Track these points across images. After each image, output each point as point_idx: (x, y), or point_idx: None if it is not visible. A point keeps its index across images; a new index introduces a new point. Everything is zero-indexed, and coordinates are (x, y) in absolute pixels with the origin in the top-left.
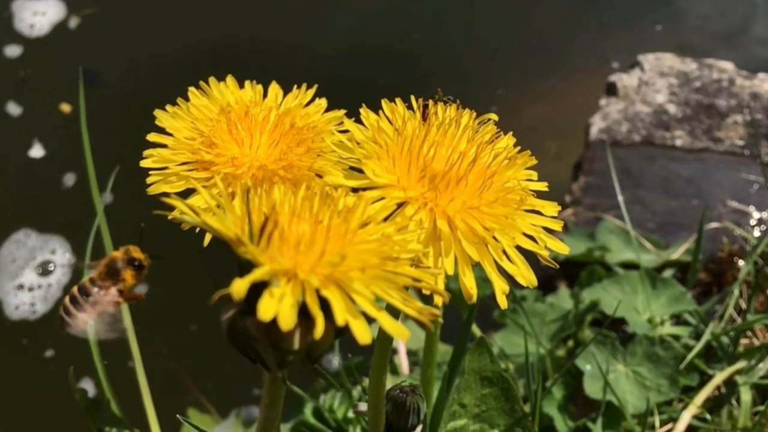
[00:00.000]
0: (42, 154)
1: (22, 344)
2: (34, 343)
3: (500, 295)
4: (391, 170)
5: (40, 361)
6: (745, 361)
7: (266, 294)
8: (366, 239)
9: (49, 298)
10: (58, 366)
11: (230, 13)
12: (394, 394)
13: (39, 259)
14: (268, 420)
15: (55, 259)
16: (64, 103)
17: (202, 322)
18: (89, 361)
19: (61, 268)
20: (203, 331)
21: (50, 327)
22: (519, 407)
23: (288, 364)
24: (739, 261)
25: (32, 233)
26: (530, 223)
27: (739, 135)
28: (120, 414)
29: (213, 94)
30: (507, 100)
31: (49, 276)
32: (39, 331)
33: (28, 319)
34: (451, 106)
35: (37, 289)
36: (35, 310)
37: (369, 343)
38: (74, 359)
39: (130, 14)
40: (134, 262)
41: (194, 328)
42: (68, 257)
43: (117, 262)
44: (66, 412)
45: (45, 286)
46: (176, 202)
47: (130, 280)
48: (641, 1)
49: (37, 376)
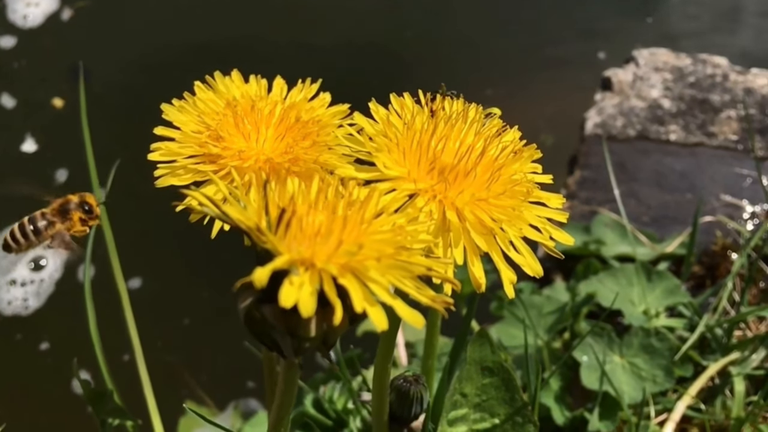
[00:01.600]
0: (35, 149)
1: (16, 339)
2: (28, 337)
3: (508, 284)
4: (401, 163)
5: (34, 355)
6: (739, 352)
7: (286, 282)
8: (380, 229)
9: (42, 294)
10: (53, 359)
11: (222, 11)
12: (398, 384)
13: (31, 254)
14: (282, 406)
15: (47, 254)
16: (56, 97)
17: (194, 316)
18: (84, 354)
19: (54, 263)
20: (196, 325)
21: (44, 321)
22: (519, 397)
23: (305, 351)
24: (732, 254)
25: None
26: (536, 214)
27: (732, 130)
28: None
29: (219, 88)
30: (498, 97)
31: (42, 271)
32: (32, 325)
33: (20, 314)
34: (457, 100)
35: (29, 284)
36: (28, 305)
37: (386, 329)
38: (69, 352)
39: (123, 8)
40: (85, 206)
41: (187, 322)
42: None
43: (70, 203)
44: (62, 404)
45: (37, 281)
46: (195, 194)
47: (77, 223)
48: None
49: (32, 369)
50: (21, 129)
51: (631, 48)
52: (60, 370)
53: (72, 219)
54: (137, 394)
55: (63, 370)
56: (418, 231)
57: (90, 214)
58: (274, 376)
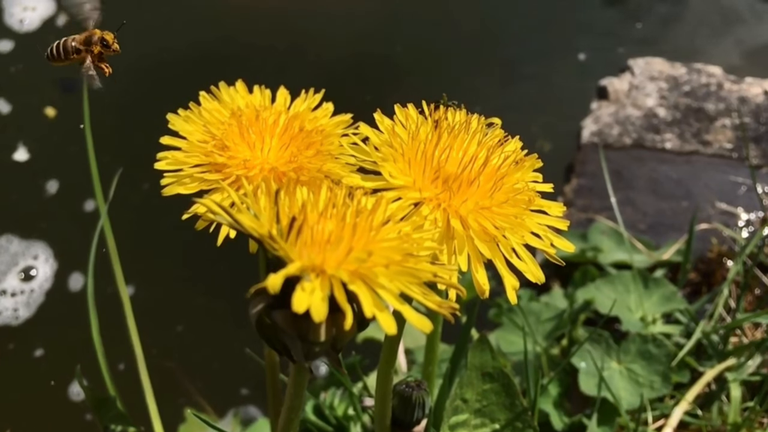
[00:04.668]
0: (26, 158)
1: (9, 349)
2: (20, 347)
3: (510, 291)
4: (406, 172)
5: (29, 364)
6: (735, 358)
7: (299, 288)
8: (387, 237)
9: (32, 304)
10: (48, 368)
11: (218, 21)
12: (401, 389)
13: (21, 264)
14: (292, 409)
15: (37, 264)
16: (49, 107)
17: (188, 322)
18: (79, 362)
19: (44, 273)
20: (189, 331)
21: (36, 331)
22: (519, 402)
23: (315, 356)
24: (728, 261)
25: (15, 239)
26: (537, 222)
27: (727, 138)
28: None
29: (223, 98)
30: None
31: (32, 281)
32: (24, 335)
33: (11, 324)
34: (459, 110)
35: (19, 294)
36: (18, 315)
37: (394, 334)
38: (64, 361)
39: (120, 16)
40: (104, 41)
41: (180, 328)
42: (51, 261)
43: (94, 36)
44: (59, 413)
45: (27, 291)
46: (207, 202)
47: (96, 50)
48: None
49: (28, 378)
50: (14, 137)
51: (620, 53)
52: (56, 379)
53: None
54: (135, 402)
55: (58, 379)
56: (423, 238)
57: (107, 48)
58: (277, 382)
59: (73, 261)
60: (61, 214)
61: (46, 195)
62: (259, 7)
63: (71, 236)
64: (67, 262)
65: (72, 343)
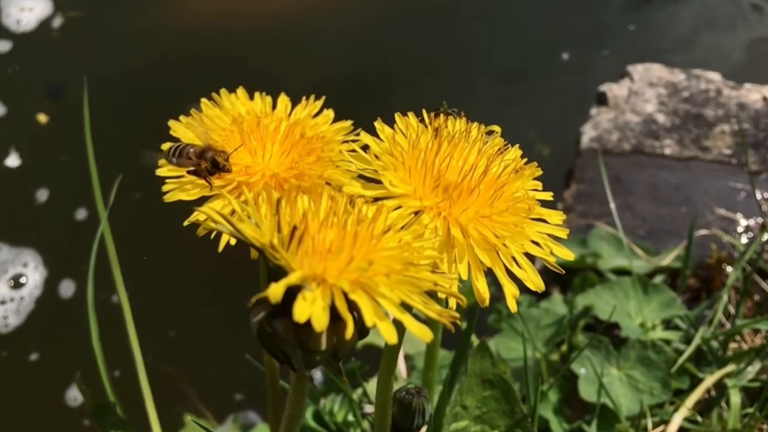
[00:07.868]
0: (18, 164)
1: (2, 356)
2: (12, 354)
3: (510, 299)
4: (407, 181)
5: (23, 371)
6: (734, 364)
7: (300, 297)
8: (388, 246)
9: (22, 311)
10: (42, 374)
11: (216, 29)
12: (401, 396)
13: (11, 272)
14: (293, 416)
15: (27, 272)
16: (41, 113)
17: (180, 328)
18: (73, 369)
19: (33, 281)
20: (182, 336)
21: (26, 338)
22: (519, 409)
23: (316, 364)
24: (727, 267)
25: (4, 246)
26: (537, 230)
27: (726, 144)
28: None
29: (224, 105)
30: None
31: (21, 289)
32: (14, 343)
33: (0, 332)
34: (460, 118)
35: (9, 302)
36: (8, 323)
37: (395, 343)
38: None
39: (114, 21)
40: (217, 163)
41: (173, 334)
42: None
43: (209, 152)
44: (54, 419)
45: (17, 299)
46: (209, 211)
47: (203, 167)
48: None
49: (21, 385)
50: (7, 142)
51: (619, 59)
52: (50, 386)
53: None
54: (134, 408)
55: (53, 386)
56: (424, 247)
57: (216, 167)
58: (277, 388)
59: (63, 269)
60: (51, 222)
61: (37, 203)
62: (251, 17)
63: (61, 244)
64: (56, 270)
65: (64, 350)
